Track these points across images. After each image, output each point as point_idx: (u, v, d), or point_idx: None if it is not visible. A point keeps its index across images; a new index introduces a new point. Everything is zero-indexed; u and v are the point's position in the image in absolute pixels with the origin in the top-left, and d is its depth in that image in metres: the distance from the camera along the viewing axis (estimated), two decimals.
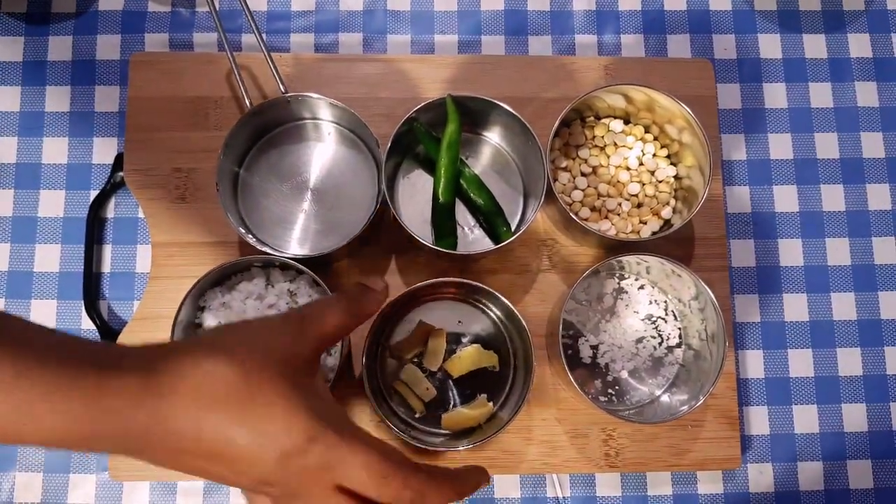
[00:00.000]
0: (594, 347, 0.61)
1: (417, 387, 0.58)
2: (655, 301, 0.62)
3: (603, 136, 0.62)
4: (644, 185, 0.61)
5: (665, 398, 0.59)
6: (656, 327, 0.61)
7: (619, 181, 0.61)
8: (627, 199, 0.61)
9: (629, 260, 0.58)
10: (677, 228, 0.57)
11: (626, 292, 0.62)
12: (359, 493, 0.34)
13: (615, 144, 0.62)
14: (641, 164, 0.62)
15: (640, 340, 0.61)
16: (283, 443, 0.33)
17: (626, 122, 0.63)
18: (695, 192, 0.59)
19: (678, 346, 0.61)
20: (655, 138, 0.63)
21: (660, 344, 0.61)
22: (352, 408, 0.60)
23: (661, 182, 0.62)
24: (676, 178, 0.62)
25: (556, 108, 0.59)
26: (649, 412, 0.59)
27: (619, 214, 0.61)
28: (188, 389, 0.32)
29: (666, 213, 0.61)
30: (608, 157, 0.62)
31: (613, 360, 0.60)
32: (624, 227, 0.60)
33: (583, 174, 0.62)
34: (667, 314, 0.62)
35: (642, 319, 0.61)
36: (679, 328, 0.61)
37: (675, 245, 0.63)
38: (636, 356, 0.61)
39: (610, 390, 0.60)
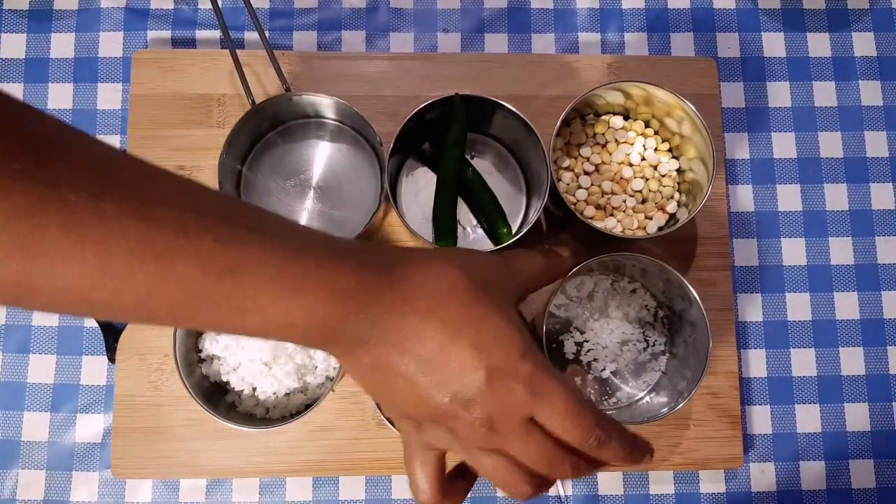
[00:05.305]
0: (579, 344, 0.61)
1: None
2: (646, 306, 0.61)
3: (603, 134, 0.62)
4: (647, 180, 0.61)
5: (646, 401, 0.59)
6: (644, 332, 0.61)
7: (622, 178, 0.61)
8: (632, 196, 0.61)
9: (624, 262, 0.58)
10: (682, 224, 0.56)
11: (619, 294, 0.62)
12: (547, 429, 0.34)
13: (616, 141, 0.62)
14: (643, 159, 0.62)
15: (625, 343, 0.61)
16: (496, 355, 0.33)
17: (626, 118, 0.62)
18: (698, 185, 0.58)
19: (663, 353, 0.61)
20: (656, 132, 0.62)
21: (644, 349, 0.61)
22: (352, 407, 0.60)
23: (664, 176, 0.62)
24: (679, 171, 0.62)
25: (558, 106, 0.58)
26: (627, 413, 0.59)
27: (623, 211, 0.61)
28: (419, 287, 0.34)
29: (671, 207, 0.60)
30: (610, 154, 0.61)
31: (596, 360, 0.60)
32: (630, 224, 0.60)
33: (586, 173, 0.61)
34: (655, 321, 0.61)
35: (631, 322, 0.61)
36: (666, 336, 0.61)
37: (677, 244, 0.63)
38: (619, 357, 0.60)
39: (590, 389, 0.60)
